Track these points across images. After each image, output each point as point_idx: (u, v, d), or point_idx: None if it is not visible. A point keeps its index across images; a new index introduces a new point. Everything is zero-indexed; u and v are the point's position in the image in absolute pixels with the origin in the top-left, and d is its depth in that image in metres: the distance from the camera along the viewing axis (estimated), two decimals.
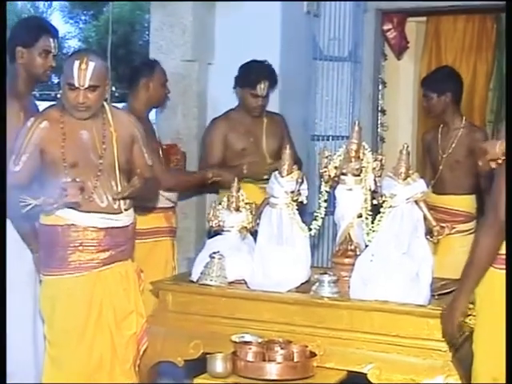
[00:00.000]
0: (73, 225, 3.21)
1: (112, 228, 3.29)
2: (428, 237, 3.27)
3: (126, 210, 3.32)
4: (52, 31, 3.75)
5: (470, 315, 2.91)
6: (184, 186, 4.65)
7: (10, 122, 3.44)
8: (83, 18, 19.68)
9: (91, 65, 3.16)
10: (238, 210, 3.66)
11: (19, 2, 18.04)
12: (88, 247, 3.25)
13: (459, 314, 2.79)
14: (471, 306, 2.90)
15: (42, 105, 4.04)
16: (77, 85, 3.16)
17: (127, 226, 3.36)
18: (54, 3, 19.18)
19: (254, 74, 4.63)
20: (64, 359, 3.26)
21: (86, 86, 3.16)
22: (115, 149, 3.31)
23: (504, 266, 2.73)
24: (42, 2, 18.70)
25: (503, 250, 2.73)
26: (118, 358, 3.33)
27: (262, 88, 4.60)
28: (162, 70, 4.56)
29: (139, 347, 3.40)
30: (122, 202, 3.30)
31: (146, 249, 4.25)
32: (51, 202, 2.99)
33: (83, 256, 3.24)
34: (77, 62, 3.16)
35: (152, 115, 4.82)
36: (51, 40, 3.69)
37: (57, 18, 18.82)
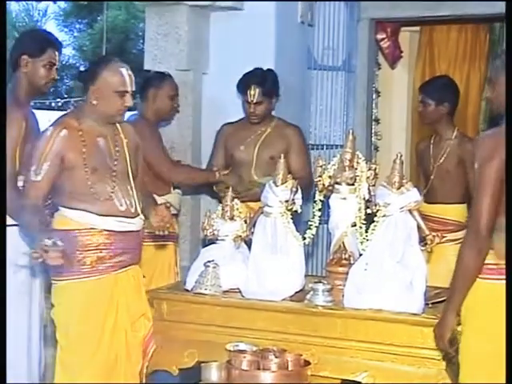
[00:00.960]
0: (92, 228, 3.23)
1: (128, 232, 3.31)
2: (421, 246, 3.28)
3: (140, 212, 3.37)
4: (58, 45, 3.83)
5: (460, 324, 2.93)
6: (190, 182, 4.79)
7: (11, 130, 3.49)
8: (78, 26, 19.69)
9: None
10: (232, 218, 3.67)
11: (13, 11, 18.05)
12: (105, 250, 3.26)
13: (449, 330, 2.79)
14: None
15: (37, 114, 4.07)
16: (129, 90, 3.25)
17: (139, 230, 3.39)
18: (49, 12, 19.19)
19: (244, 81, 4.63)
20: (81, 363, 3.24)
21: (133, 90, 3.28)
22: (127, 154, 3.37)
23: (488, 276, 2.75)
24: (37, 11, 18.70)
25: (496, 260, 2.74)
26: (130, 360, 3.34)
27: (251, 94, 4.55)
28: (171, 83, 4.64)
29: (147, 350, 3.41)
30: (137, 205, 3.33)
31: (151, 252, 4.28)
32: (36, 257, 2.94)
33: (101, 259, 3.25)
34: (124, 69, 3.26)
35: None
36: (56, 53, 3.76)
37: (51, 27, 18.82)
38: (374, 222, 3.32)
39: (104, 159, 3.30)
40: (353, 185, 3.44)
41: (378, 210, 3.31)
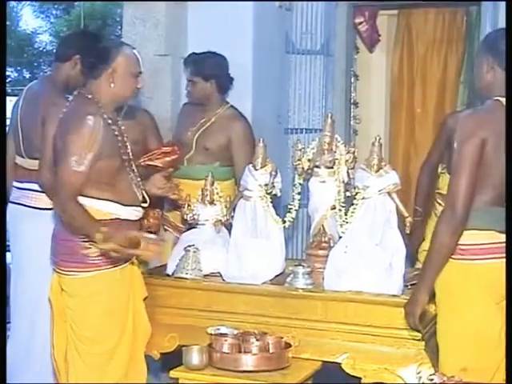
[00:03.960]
0: (116, 219, 3.18)
1: (138, 220, 3.33)
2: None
3: None
4: None
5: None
6: None
7: (55, 116, 3.45)
8: (54, 12, 19.51)
9: None
10: (212, 203, 3.68)
11: None
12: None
13: (419, 307, 2.83)
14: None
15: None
16: (141, 71, 3.33)
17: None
18: None
19: (184, 60, 4.70)
20: (108, 352, 3.20)
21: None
22: (127, 140, 3.37)
23: (461, 257, 2.79)
24: None
25: (468, 241, 2.77)
26: (143, 343, 3.38)
27: (187, 72, 4.59)
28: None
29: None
30: (144, 192, 3.34)
31: None
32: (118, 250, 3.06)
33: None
34: (135, 51, 3.29)
35: None
36: None
37: (27, 13, 18.67)
38: (353, 204, 3.34)
39: (122, 147, 3.26)
40: (332, 168, 3.45)
41: (357, 193, 3.33)
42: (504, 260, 2.74)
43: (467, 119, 2.83)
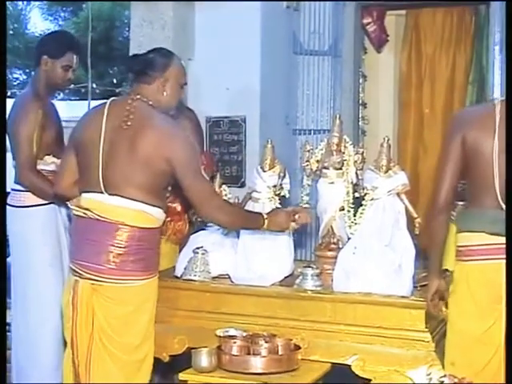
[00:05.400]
0: (161, 226, 3.18)
1: None
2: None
3: None
4: (77, 49, 4.03)
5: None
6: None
7: (28, 117, 3.73)
8: (62, 14, 19.56)
9: None
10: None
11: None
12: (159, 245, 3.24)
13: (431, 293, 2.96)
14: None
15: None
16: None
17: None
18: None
19: None
20: (147, 358, 3.18)
21: None
22: None
23: (464, 258, 2.85)
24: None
25: (463, 242, 2.80)
26: None
27: None
28: None
29: None
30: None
31: None
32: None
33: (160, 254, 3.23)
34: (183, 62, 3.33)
35: None
36: (75, 57, 3.95)
37: (36, 15, 18.70)
38: (361, 205, 3.33)
39: None
40: (340, 169, 3.45)
41: (365, 194, 3.33)
42: (494, 261, 2.79)
43: (452, 119, 2.95)
